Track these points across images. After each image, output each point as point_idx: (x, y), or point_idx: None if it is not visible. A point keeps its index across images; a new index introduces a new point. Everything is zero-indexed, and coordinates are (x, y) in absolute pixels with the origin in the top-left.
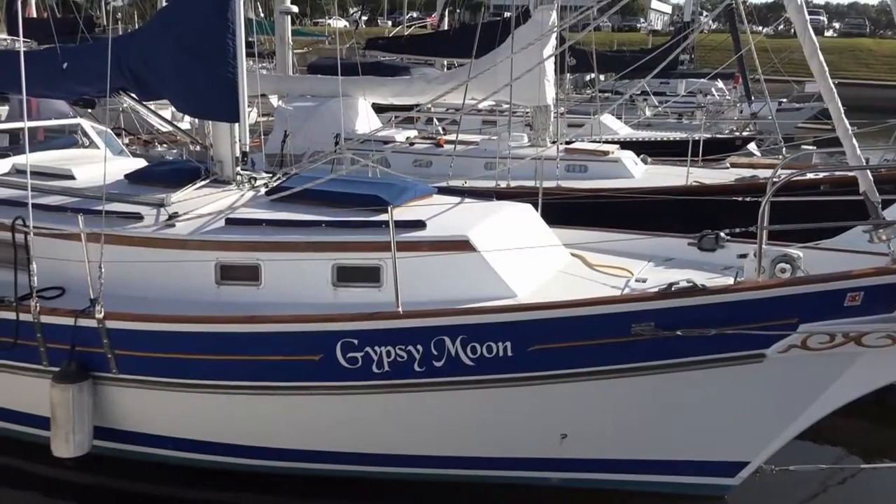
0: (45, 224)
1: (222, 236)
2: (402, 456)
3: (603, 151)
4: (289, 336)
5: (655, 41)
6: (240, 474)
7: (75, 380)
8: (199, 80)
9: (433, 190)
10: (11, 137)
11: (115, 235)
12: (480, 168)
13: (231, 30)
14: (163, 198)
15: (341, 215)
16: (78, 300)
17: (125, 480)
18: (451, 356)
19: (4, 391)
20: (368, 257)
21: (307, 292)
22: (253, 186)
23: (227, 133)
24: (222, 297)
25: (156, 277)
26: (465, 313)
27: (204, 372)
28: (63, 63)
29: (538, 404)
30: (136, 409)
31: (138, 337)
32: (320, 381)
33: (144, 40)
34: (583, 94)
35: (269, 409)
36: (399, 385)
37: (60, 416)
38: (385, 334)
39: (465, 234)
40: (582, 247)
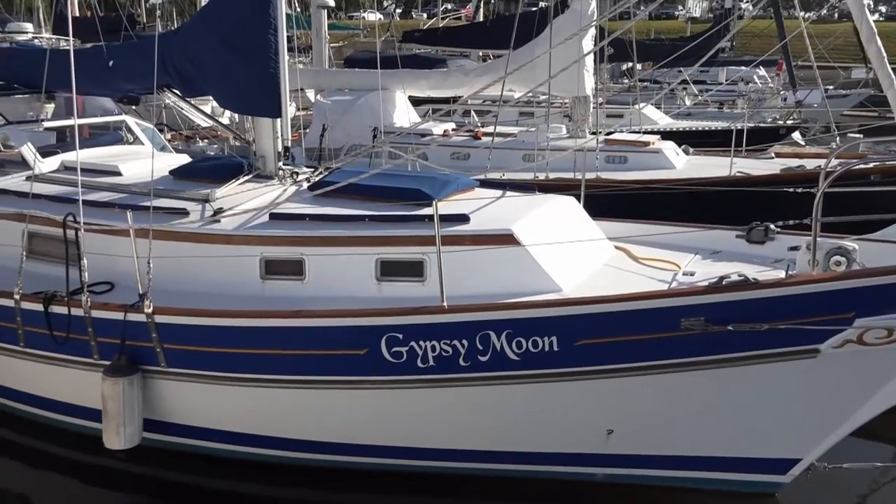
0: (94, 220)
1: (266, 231)
2: (445, 451)
3: (643, 142)
4: (334, 331)
5: (694, 29)
6: (285, 468)
7: (125, 373)
8: (241, 77)
9: (475, 183)
10: (58, 135)
11: (163, 231)
12: (518, 160)
13: (273, 25)
14: (207, 193)
15: (384, 209)
16: (126, 295)
17: (174, 472)
18: (496, 351)
19: (58, 384)
20: (412, 251)
21: (351, 287)
22: (295, 181)
23: (270, 128)
24: (267, 291)
25: (202, 272)
26: (511, 308)
27: (250, 366)
28: (109, 61)
29: (584, 400)
30: (183, 402)
31: (186, 331)
32: (365, 375)
33: (188, 37)
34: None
35: (313, 402)
36: (444, 380)
37: (111, 409)
38: (430, 329)
39: (509, 227)
40: (626, 239)
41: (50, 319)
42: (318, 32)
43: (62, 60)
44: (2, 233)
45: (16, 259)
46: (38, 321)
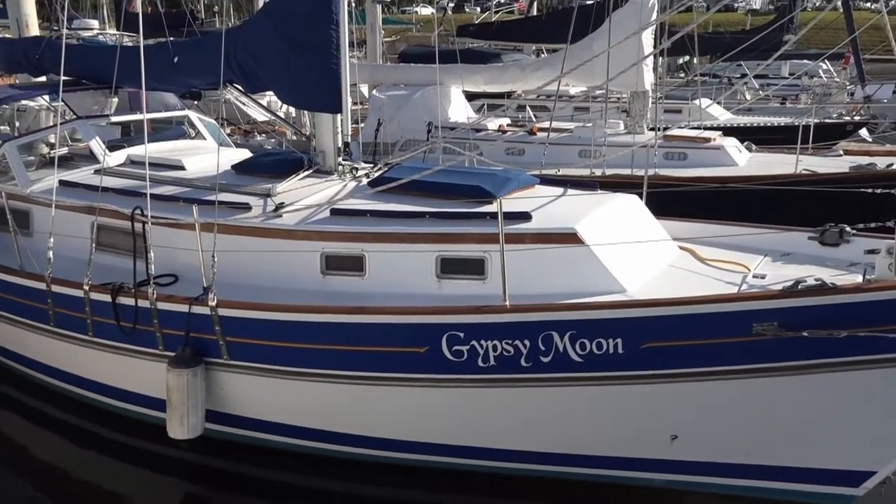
0: (160, 213)
1: (327, 227)
2: (503, 451)
3: (704, 138)
4: (395, 327)
5: (754, 21)
6: (343, 462)
7: (189, 365)
8: (303, 72)
9: (535, 180)
10: (123, 129)
11: (226, 225)
12: (574, 156)
13: (334, 21)
14: (269, 188)
15: (444, 206)
16: (190, 287)
17: (234, 463)
18: (558, 352)
19: (124, 373)
20: (473, 249)
21: (411, 283)
22: (354, 177)
23: (330, 124)
24: (327, 286)
25: (263, 266)
26: (576, 308)
27: (310, 360)
28: (174, 57)
29: (649, 404)
30: (245, 394)
31: (248, 325)
32: (425, 373)
33: (251, 34)
34: (676, 78)
35: (373, 398)
36: (505, 380)
37: (175, 400)
38: (492, 328)
39: (572, 226)
40: (691, 239)
41: (117, 310)
42: (373, 27)
43: (130, 57)
44: (72, 225)
45: (84, 250)
46: (106, 312)
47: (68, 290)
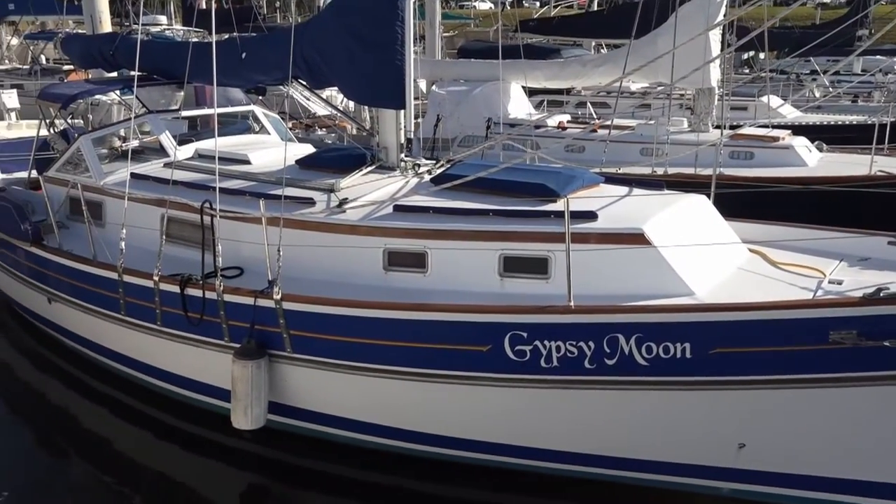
0: (226, 206)
1: (390, 223)
2: (562, 452)
3: (772, 137)
4: (458, 325)
5: (824, 15)
6: (401, 458)
7: (254, 356)
8: (368, 68)
9: (600, 179)
10: (190, 123)
11: (292, 220)
12: (636, 154)
13: (400, 17)
14: (332, 183)
15: (508, 204)
16: (255, 280)
17: (295, 455)
18: (624, 355)
19: (190, 363)
20: (537, 248)
21: (473, 281)
22: (417, 173)
23: (393, 120)
24: (390, 282)
25: (327, 261)
26: (643, 311)
27: (372, 356)
28: (242, 53)
29: (717, 411)
30: (307, 387)
31: (312, 319)
32: (487, 372)
33: (317, 30)
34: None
35: (433, 396)
36: (568, 381)
37: (240, 391)
38: (556, 329)
39: (639, 227)
40: (762, 242)
41: (185, 301)
42: (432, 22)
43: (201, 53)
44: (142, 216)
45: (153, 241)
46: (175, 302)
47: (139, 280)
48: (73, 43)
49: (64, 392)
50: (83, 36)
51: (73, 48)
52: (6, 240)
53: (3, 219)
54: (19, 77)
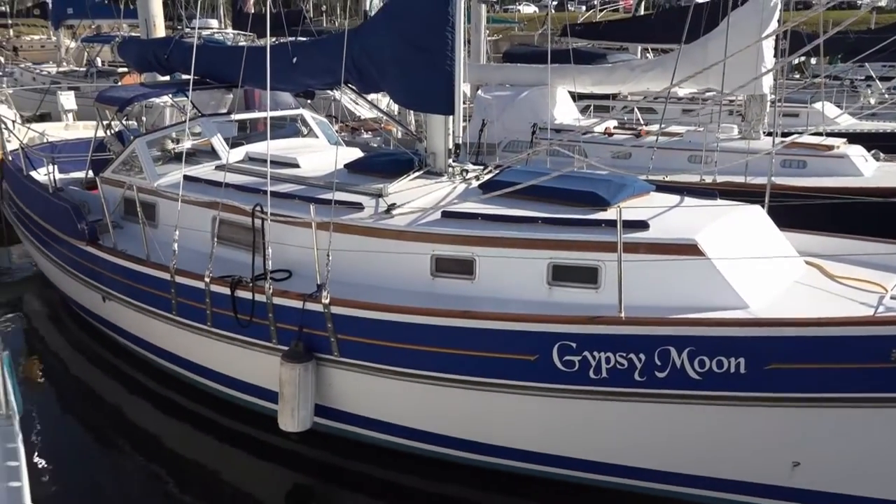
0: (276, 210)
1: (438, 229)
2: (609, 465)
3: (826, 146)
4: (506, 334)
5: (880, 19)
6: (445, 464)
7: (302, 359)
8: (418, 74)
9: (651, 187)
10: (239, 126)
11: (340, 224)
12: (684, 161)
13: (451, 23)
14: (380, 188)
15: (557, 212)
16: (303, 283)
17: (341, 458)
18: (675, 368)
19: (239, 364)
20: (586, 257)
21: (521, 289)
22: (464, 178)
23: (442, 125)
24: (436, 288)
25: (374, 265)
26: (696, 324)
27: (418, 362)
28: (293, 58)
29: (771, 428)
30: (353, 391)
31: (359, 323)
32: (535, 381)
33: (368, 35)
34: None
35: (479, 403)
36: (617, 393)
37: (287, 393)
38: (606, 340)
39: (692, 237)
40: (820, 255)
41: (235, 303)
42: (477, 27)
43: (253, 57)
44: (194, 218)
45: (202, 242)
46: (225, 304)
47: (191, 281)
48: (130, 47)
49: (116, 388)
50: (139, 40)
51: (129, 52)
52: (63, 238)
53: (61, 218)
54: (76, 79)
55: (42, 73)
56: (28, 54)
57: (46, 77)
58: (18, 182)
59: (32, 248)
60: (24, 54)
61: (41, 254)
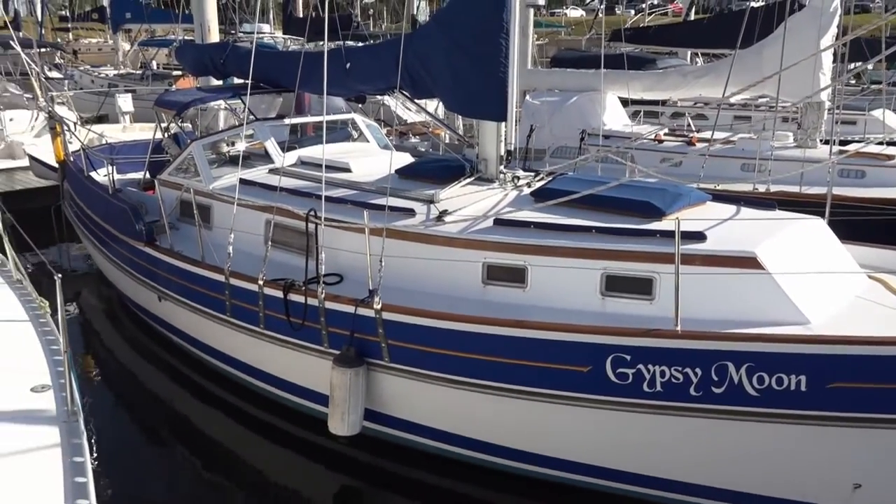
0: (328, 214)
1: (490, 236)
2: (662, 479)
3: (887, 155)
4: (559, 344)
5: None
6: (494, 473)
7: (353, 364)
8: (471, 80)
9: (707, 197)
10: (290, 129)
11: (393, 230)
12: (736, 170)
13: (505, 30)
14: (432, 194)
15: (611, 221)
16: (353, 287)
17: (389, 462)
18: (733, 384)
19: (290, 367)
20: (641, 268)
21: (573, 299)
22: (516, 186)
23: (494, 132)
24: (488, 296)
25: (426, 272)
26: (756, 340)
27: (469, 370)
28: (347, 63)
29: (831, 448)
30: (403, 397)
31: (410, 330)
32: (587, 393)
33: (422, 41)
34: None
35: (529, 413)
36: (671, 407)
37: (338, 397)
38: (661, 353)
39: (752, 250)
40: (884, 269)
41: (288, 306)
42: (524, 31)
43: (308, 63)
44: (247, 220)
45: (256, 245)
46: (277, 307)
47: (244, 283)
48: (187, 51)
49: (169, 386)
50: (196, 45)
51: (186, 56)
52: (122, 239)
53: (120, 219)
54: (132, 81)
55: (100, 76)
56: (86, 57)
57: (104, 80)
58: (79, 183)
59: (91, 247)
60: (82, 57)
61: (99, 252)
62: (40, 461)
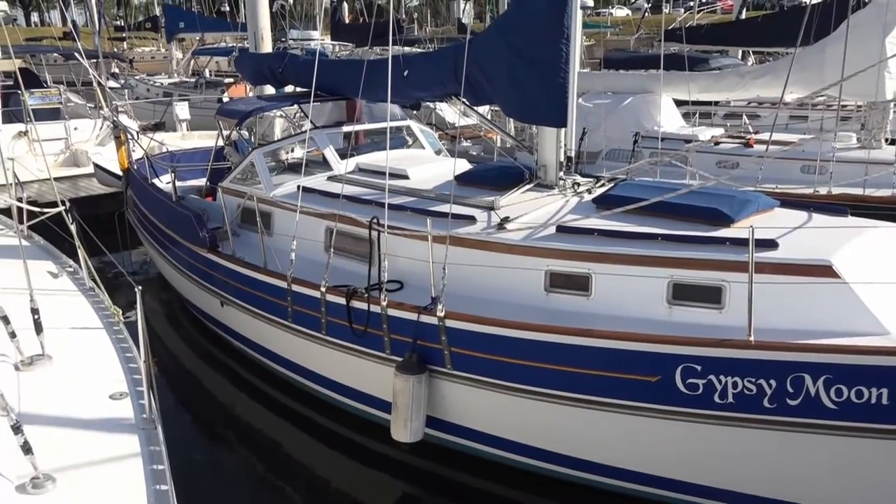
0: (391, 222)
1: (553, 244)
2: (734, 493)
3: None
4: (626, 354)
5: None
6: (557, 482)
7: (415, 371)
8: (531, 87)
9: (776, 202)
10: (345, 136)
11: (455, 237)
12: (796, 172)
13: (566, 35)
14: (492, 201)
15: (676, 227)
16: (414, 294)
17: (451, 470)
18: (809, 396)
19: (352, 373)
20: (710, 276)
21: (639, 308)
22: (576, 192)
23: (554, 138)
24: (550, 304)
25: (487, 279)
26: (834, 351)
27: (533, 378)
28: (405, 71)
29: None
30: (465, 404)
31: (473, 337)
32: (655, 403)
33: (481, 47)
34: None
35: (594, 423)
36: (743, 419)
37: (401, 404)
38: (733, 363)
39: (827, 258)
40: None
41: (350, 313)
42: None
43: (368, 71)
44: (307, 227)
45: (316, 251)
46: (340, 313)
47: (307, 290)
48: (245, 61)
49: (231, 390)
50: (254, 55)
51: (245, 65)
52: (185, 245)
53: (184, 226)
54: (186, 89)
55: (156, 85)
56: (140, 65)
57: (159, 88)
58: (143, 190)
59: (154, 252)
60: (137, 65)
61: (162, 258)
62: (121, 469)
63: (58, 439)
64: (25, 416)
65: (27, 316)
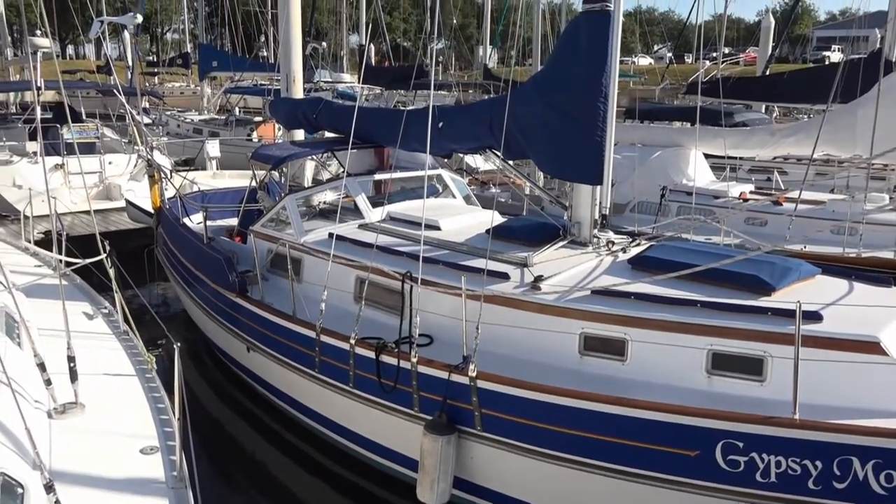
0: (424, 276)
1: (589, 306)
2: None
3: None
4: (664, 426)
5: None
6: None
7: (444, 431)
8: (567, 144)
9: (817, 270)
10: (374, 183)
11: (490, 295)
12: (826, 232)
13: (604, 94)
14: (525, 257)
15: (715, 294)
16: (443, 349)
17: None
18: (857, 480)
19: (379, 428)
20: (752, 347)
21: (677, 376)
22: (610, 251)
23: (588, 195)
24: (584, 367)
25: (520, 338)
26: (886, 434)
27: (566, 445)
28: (440, 122)
29: None
30: (494, 467)
31: (505, 400)
32: (694, 478)
33: (518, 103)
34: None
35: (627, 494)
36: (787, 500)
37: (428, 464)
38: (778, 442)
39: (875, 335)
40: None
41: (379, 367)
42: None
43: (400, 120)
44: (337, 276)
45: (345, 300)
46: (368, 367)
47: (336, 341)
48: (280, 106)
49: (254, 437)
50: (289, 100)
51: (279, 110)
52: (214, 287)
53: (214, 268)
54: (216, 126)
55: (186, 121)
56: (169, 100)
57: (190, 125)
58: (174, 229)
59: (181, 292)
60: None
61: (189, 298)
62: None
63: (88, 499)
64: (56, 472)
65: (62, 360)
